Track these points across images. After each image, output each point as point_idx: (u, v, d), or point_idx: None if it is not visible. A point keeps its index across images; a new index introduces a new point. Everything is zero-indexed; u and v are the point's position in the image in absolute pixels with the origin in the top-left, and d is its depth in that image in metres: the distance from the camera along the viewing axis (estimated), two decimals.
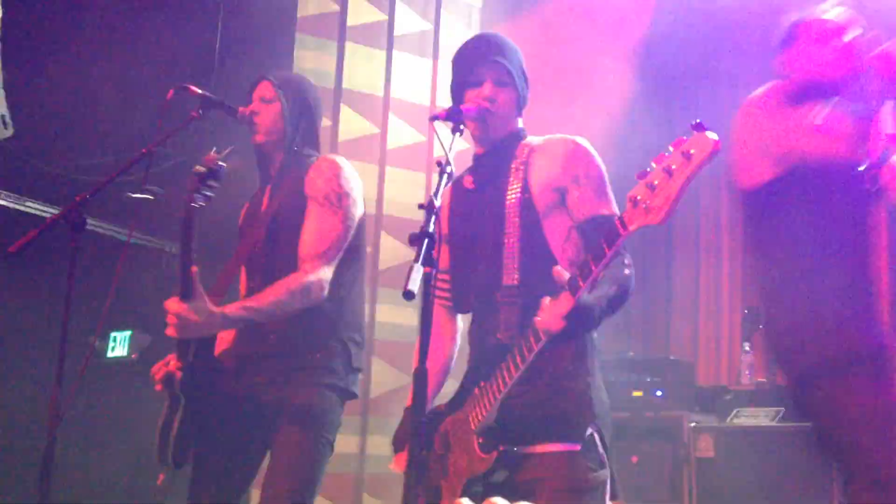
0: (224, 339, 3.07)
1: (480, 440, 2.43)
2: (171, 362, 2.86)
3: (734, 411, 4.74)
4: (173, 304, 2.74)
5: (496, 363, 2.38)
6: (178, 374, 2.83)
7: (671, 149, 2.01)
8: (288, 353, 2.97)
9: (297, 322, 2.92)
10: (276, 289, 2.86)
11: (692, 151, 1.97)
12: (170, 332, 2.78)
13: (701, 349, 6.72)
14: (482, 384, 2.44)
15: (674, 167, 1.99)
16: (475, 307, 2.66)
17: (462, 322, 2.88)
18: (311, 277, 2.89)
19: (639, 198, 2.04)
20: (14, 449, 4.92)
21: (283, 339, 2.97)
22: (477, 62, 2.63)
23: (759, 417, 4.65)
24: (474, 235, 2.64)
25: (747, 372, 5.17)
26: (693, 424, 4.69)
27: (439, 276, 2.78)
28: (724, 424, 4.71)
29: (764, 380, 5.08)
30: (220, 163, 2.75)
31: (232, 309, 2.82)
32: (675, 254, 7.17)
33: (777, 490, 4.30)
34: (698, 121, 1.98)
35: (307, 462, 2.93)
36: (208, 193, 2.75)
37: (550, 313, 2.20)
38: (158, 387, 2.89)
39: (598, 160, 2.60)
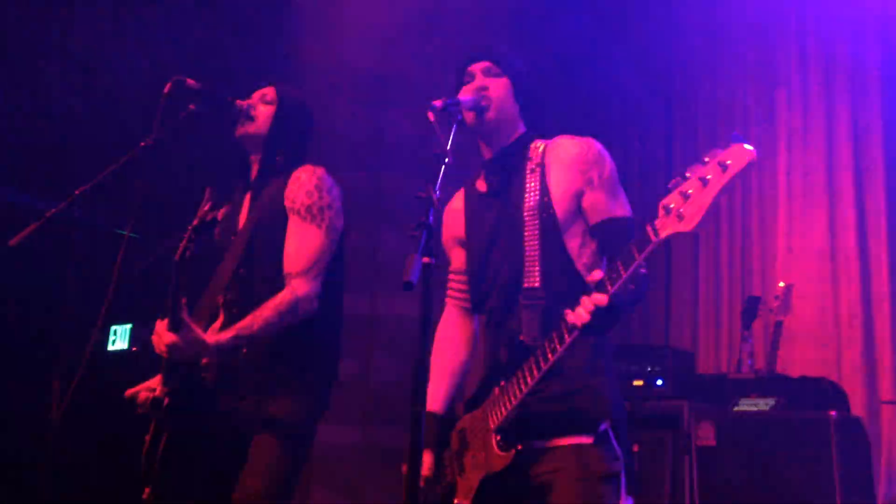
0: None
1: (498, 438, 2.45)
2: (158, 388, 2.83)
3: (735, 400, 4.75)
4: (164, 334, 2.72)
5: (517, 363, 2.40)
6: (167, 401, 2.80)
7: (706, 159, 2.04)
8: (262, 365, 2.94)
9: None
10: (265, 310, 2.84)
11: (728, 162, 2.01)
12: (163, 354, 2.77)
13: (701, 338, 6.72)
14: (502, 384, 2.46)
15: (709, 177, 2.02)
16: (494, 308, 2.65)
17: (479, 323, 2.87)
18: (300, 295, 2.87)
19: (672, 206, 2.07)
20: (15, 444, 4.92)
21: (254, 351, 2.92)
22: (468, 63, 2.71)
23: (759, 406, 4.66)
24: (492, 238, 2.65)
25: (748, 360, 5.18)
26: (693, 413, 4.70)
27: (454, 277, 2.82)
28: (725, 413, 4.71)
29: (764, 368, 5.10)
30: (213, 216, 2.74)
31: (226, 337, 2.80)
32: (674, 242, 7.17)
33: (778, 478, 4.31)
34: (735, 133, 2.02)
35: (281, 468, 2.89)
36: (202, 242, 2.76)
37: (584, 307, 2.22)
38: (140, 411, 2.86)
39: (610, 160, 2.60)
